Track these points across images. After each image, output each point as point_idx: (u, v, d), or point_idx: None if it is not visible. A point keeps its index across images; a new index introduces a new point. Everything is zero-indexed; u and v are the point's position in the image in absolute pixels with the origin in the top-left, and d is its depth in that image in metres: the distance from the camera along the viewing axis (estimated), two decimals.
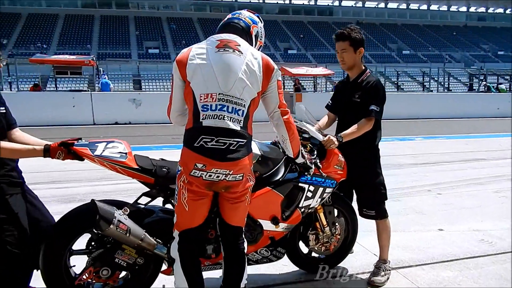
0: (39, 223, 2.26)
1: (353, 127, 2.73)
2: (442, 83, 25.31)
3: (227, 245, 2.17)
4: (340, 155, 2.73)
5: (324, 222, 2.82)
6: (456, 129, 13.56)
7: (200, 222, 2.07)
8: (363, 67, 2.88)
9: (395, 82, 27.26)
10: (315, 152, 2.66)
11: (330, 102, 3.12)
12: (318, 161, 2.58)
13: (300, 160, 2.38)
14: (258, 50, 2.23)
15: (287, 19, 47.97)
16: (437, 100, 18.41)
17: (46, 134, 10.88)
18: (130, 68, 28.41)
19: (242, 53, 2.02)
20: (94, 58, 14.79)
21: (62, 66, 13.85)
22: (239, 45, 2.04)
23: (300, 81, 23.04)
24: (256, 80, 2.02)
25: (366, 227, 3.18)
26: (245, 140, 1.99)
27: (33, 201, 2.29)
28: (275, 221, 2.51)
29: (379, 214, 2.90)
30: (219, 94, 1.95)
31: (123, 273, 2.33)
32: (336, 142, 2.65)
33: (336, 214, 2.94)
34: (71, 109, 12.68)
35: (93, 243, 2.28)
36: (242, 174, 1.99)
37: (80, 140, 2.19)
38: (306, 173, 2.48)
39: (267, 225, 2.51)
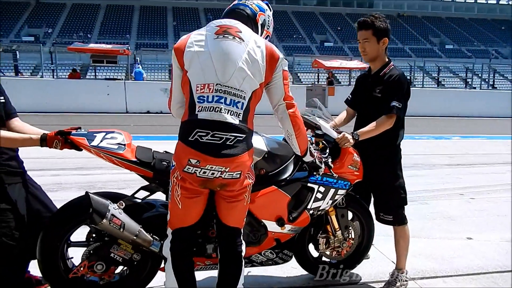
0: (40, 213, 2.24)
1: (372, 125, 2.52)
2: (487, 80, 23.94)
3: (224, 246, 2.04)
4: (355, 154, 2.53)
5: (336, 226, 2.64)
6: (499, 129, 12.70)
7: (194, 221, 1.95)
8: (387, 60, 2.65)
9: (436, 78, 26.10)
10: (327, 151, 2.47)
11: (350, 96, 2.90)
12: (329, 160, 2.39)
13: (308, 158, 2.19)
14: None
15: (325, 10, 46.96)
16: (480, 98, 17.40)
17: (79, 121, 11.21)
18: (166, 58, 28.81)
19: (243, 41, 1.86)
20: (129, 47, 15.05)
21: (99, 55, 14.18)
22: (240, 32, 1.88)
23: (334, 74, 22.54)
24: (259, 70, 1.86)
25: (386, 231, 2.95)
26: (244, 135, 1.84)
27: (35, 191, 2.26)
28: (280, 223, 2.36)
29: (397, 219, 2.68)
30: (216, 84, 1.80)
31: (120, 269, 2.26)
32: (352, 141, 2.45)
33: (350, 217, 2.76)
34: (105, 97, 12.98)
35: (92, 236, 2.23)
36: (239, 172, 1.85)
37: (79, 130, 2.12)
38: (315, 173, 2.30)
39: (272, 226, 2.37)
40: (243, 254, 2.05)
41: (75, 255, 2.26)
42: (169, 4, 43.89)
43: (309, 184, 2.39)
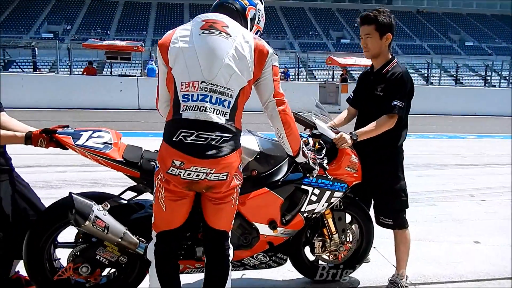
0: (26, 212, 2.20)
1: (371, 125, 2.42)
2: (508, 77, 23.25)
3: (210, 250, 1.98)
4: (353, 155, 2.43)
5: (333, 229, 2.55)
6: None
7: (179, 224, 1.90)
8: (390, 56, 2.53)
9: (454, 76, 25.49)
10: (324, 151, 2.38)
11: (352, 94, 2.80)
12: (325, 161, 2.31)
13: (301, 159, 2.10)
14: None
15: (342, 7, 46.39)
16: (499, 96, 16.89)
17: (91, 117, 11.34)
18: None
19: (230, 36, 1.78)
20: (143, 44, 15.11)
21: (113, 52, 14.31)
22: (227, 27, 1.80)
23: (350, 72, 22.23)
24: (247, 67, 1.78)
25: (389, 233, 2.83)
26: (231, 135, 1.77)
27: (22, 189, 2.23)
28: (273, 226, 2.28)
29: (397, 223, 2.58)
30: (201, 82, 1.73)
31: (107, 271, 2.23)
32: (349, 141, 2.36)
33: (348, 220, 2.67)
34: (118, 93, 13.09)
35: (80, 237, 2.19)
36: (226, 173, 1.78)
37: (66, 128, 2.09)
38: (308, 175, 2.21)
39: (263, 229, 2.30)
40: (230, 258, 1.98)
41: (63, 256, 2.23)
42: (186, 0, 44.07)
43: (303, 186, 2.31)
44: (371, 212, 2.68)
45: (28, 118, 9.88)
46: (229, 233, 1.99)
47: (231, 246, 2.00)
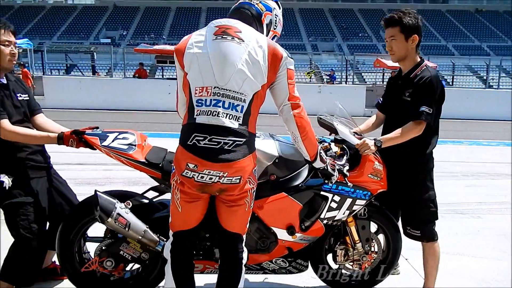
0: (62, 207, 2.37)
1: (397, 131, 2.33)
2: None
3: (224, 252, 2.01)
4: (376, 162, 2.35)
5: (356, 237, 2.48)
6: None
7: (194, 224, 1.94)
8: (419, 59, 2.43)
9: None
10: (345, 157, 2.33)
11: (381, 99, 2.71)
12: (346, 168, 2.25)
13: (318, 164, 2.06)
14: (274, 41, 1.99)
15: (394, 7, 44.83)
16: None
17: (141, 118, 11.83)
18: None
19: (243, 41, 1.81)
20: None
21: (162, 56, 14.84)
22: (240, 32, 1.83)
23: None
24: (260, 71, 1.80)
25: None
26: (244, 139, 1.79)
27: (59, 185, 2.40)
28: (291, 231, 2.27)
29: (426, 235, 2.46)
30: (214, 87, 1.78)
31: (131, 266, 2.32)
32: (373, 147, 2.28)
33: (374, 230, 2.58)
34: (166, 95, 13.52)
35: (108, 233, 2.31)
36: (239, 177, 1.80)
37: (95, 130, 2.21)
38: (326, 181, 2.17)
39: (282, 234, 2.28)
40: (244, 261, 2.00)
41: (93, 249, 2.35)
42: (232, 4, 44.77)
43: (322, 193, 2.27)
44: (400, 222, 2.58)
45: (83, 118, 10.54)
46: (243, 237, 2.00)
47: (245, 249, 2.01)
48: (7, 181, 2.09)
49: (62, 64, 23.13)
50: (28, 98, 2.27)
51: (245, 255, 2.01)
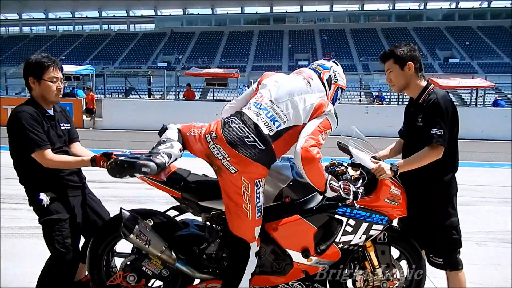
0: (96, 224, 2.56)
1: (414, 156, 2.31)
2: None
3: (229, 254, 2.24)
4: (393, 187, 2.32)
5: (375, 262, 2.44)
6: None
7: None
8: (425, 83, 2.42)
9: None
10: (361, 181, 2.33)
11: (402, 126, 2.69)
12: (360, 191, 2.25)
13: (330, 194, 2.15)
14: (339, 93, 2.41)
15: (451, 25, 43.29)
16: None
17: None
18: None
19: (310, 86, 2.22)
20: (238, 71, 16.01)
21: (211, 78, 15.45)
22: (312, 79, 2.26)
23: (459, 94, 20.35)
24: (306, 113, 2.15)
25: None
26: (263, 147, 2.05)
27: (93, 204, 2.59)
28: (305, 254, 2.29)
29: (449, 264, 2.37)
30: (269, 100, 2.19)
31: (152, 282, 2.45)
32: (389, 172, 2.27)
33: (397, 255, 2.52)
34: (214, 117, 13.94)
35: (135, 249, 2.46)
36: (237, 169, 2.03)
37: (124, 151, 2.39)
38: (340, 204, 2.19)
39: (297, 256, 2.31)
40: (246, 270, 2.15)
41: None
42: (286, 28, 45.57)
43: (336, 216, 2.28)
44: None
45: (135, 138, 11.16)
46: (251, 245, 2.14)
47: (252, 258, 2.15)
48: (45, 199, 2.31)
49: (122, 87, 24.68)
50: (69, 127, 2.53)
51: (251, 267, 2.15)
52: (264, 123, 2.08)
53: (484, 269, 3.39)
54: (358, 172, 2.44)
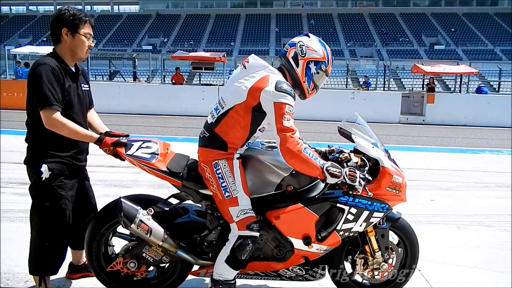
0: (84, 210, 2.49)
1: None
2: None
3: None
4: (395, 175, 2.32)
5: (375, 246, 2.46)
6: None
7: None
8: None
9: None
10: (366, 168, 2.33)
11: None
12: (367, 177, 2.25)
13: (331, 180, 2.15)
14: (312, 66, 2.25)
15: (437, 11, 43.49)
16: None
17: (176, 123, 12.16)
18: None
19: (245, 69, 2.23)
20: (225, 55, 15.83)
21: (198, 62, 15.22)
22: (248, 62, 2.26)
23: (444, 80, 20.59)
24: (243, 91, 2.15)
25: (435, 256, 2.63)
26: (208, 134, 2.24)
27: (87, 187, 2.53)
28: (307, 241, 2.29)
29: None
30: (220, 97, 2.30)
31: (151, 268, 2.43)
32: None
33: (396, 242, 2.55)
34: (200, 101, 13.86)
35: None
36: (198, 161, 2.30)
37: (125, 138, 2.33)
38: (350, 191, 2.21)
39: (298, 243, 2.31)
40: (219, 256, 2.23)
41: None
42: (273, 11, 45.09)
43: (338, 205, 2.28)
44: None
45: (120, 123, 10.97)
46: (231, 226, 2.21)
47: (231, 239, 2.21)
48: (46, 173, 2.22)
49: (106, 70, 24.17)
50: (88, 89, 2.46)
51: (226, 248, 2.22)
52: (211, 116, 2.26)
53: (464, 251, 3.48)
54: (360, 159, 2.43)
